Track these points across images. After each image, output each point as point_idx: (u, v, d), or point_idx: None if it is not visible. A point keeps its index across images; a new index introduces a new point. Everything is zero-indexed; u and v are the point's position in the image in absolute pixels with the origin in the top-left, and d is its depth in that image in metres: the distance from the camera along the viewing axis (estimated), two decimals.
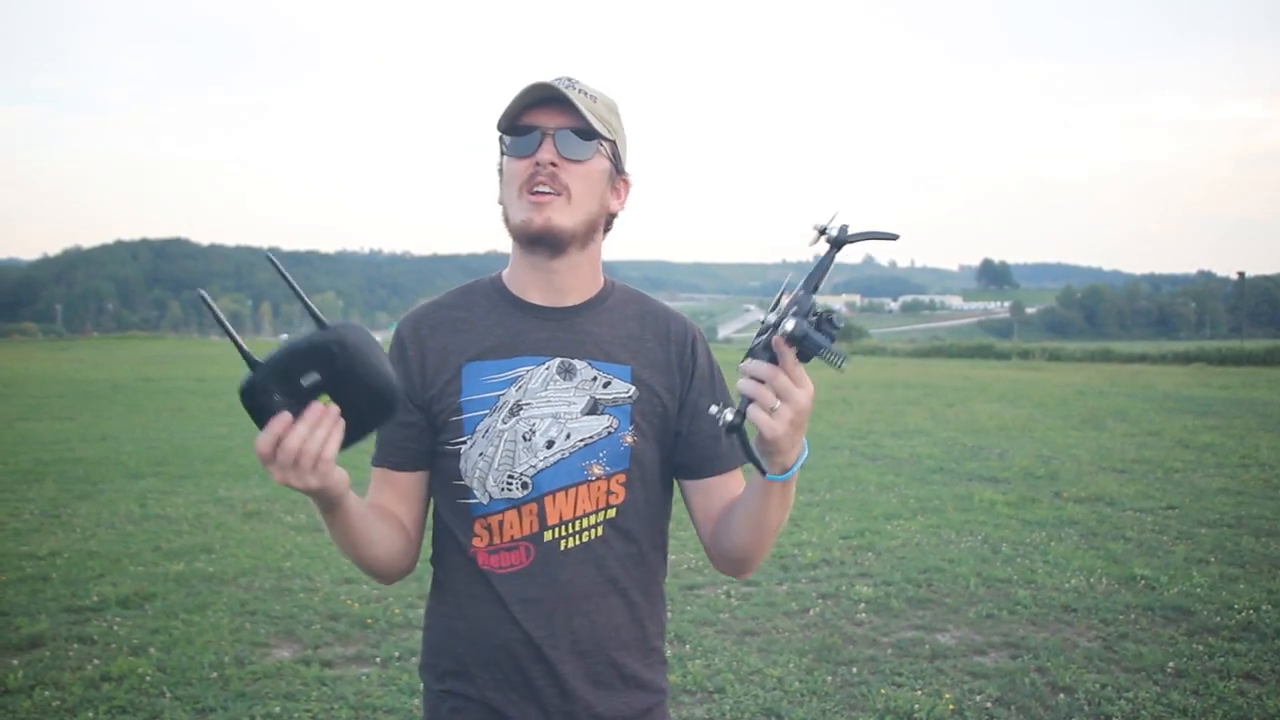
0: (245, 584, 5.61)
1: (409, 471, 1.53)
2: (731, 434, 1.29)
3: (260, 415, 1.19)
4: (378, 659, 4.44)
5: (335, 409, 1.20)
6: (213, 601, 5.24)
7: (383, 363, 1.21)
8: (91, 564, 6.00)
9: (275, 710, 3.88)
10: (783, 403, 1.20)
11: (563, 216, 1.44)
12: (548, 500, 1.46)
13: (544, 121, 1.44)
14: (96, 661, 4.34)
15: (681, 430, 1.54)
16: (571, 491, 1.46)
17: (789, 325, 1.17)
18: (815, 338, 1.17)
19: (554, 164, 1.43)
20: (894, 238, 1.24)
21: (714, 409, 1.28)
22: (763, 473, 1.32)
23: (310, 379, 1.19)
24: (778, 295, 1.27)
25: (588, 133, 1.44)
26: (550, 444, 1.46)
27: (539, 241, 1.45)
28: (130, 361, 33.57)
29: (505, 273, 1.57)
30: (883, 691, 4.06)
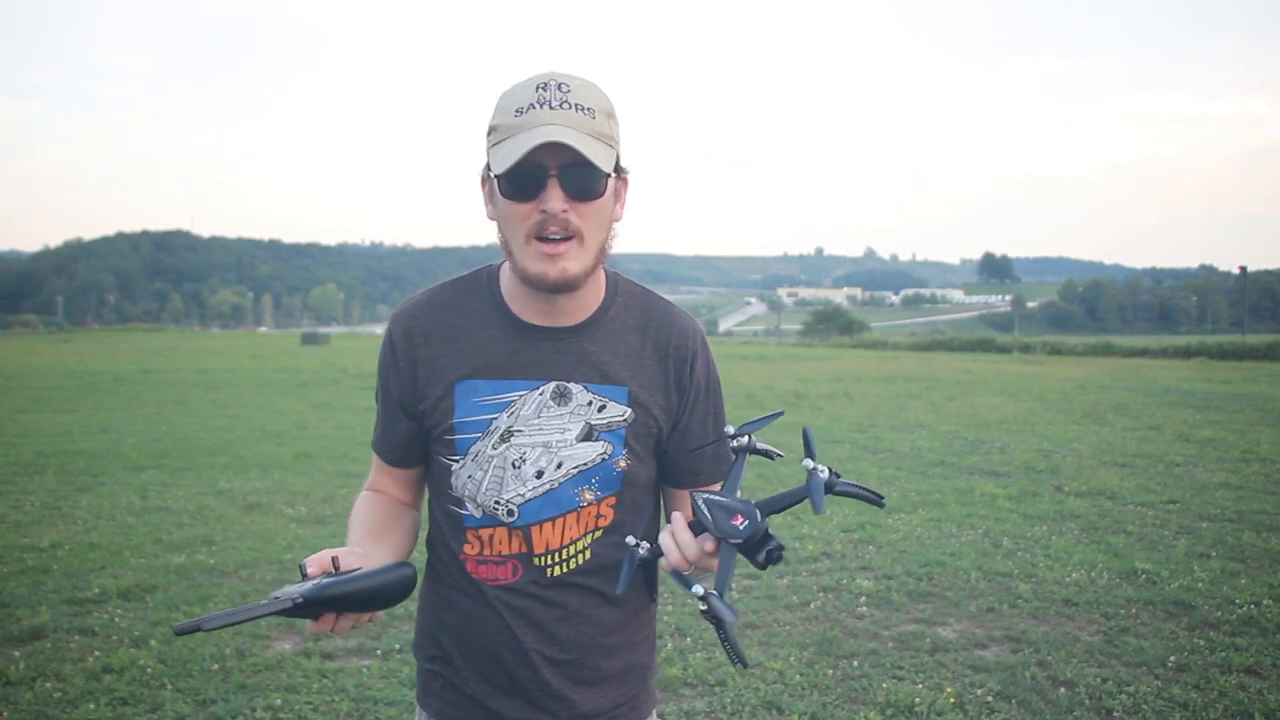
0: (246, 576, 5.61)
1: (408, 468, 1.55)
2: (641, 565, 1.40)
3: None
4: (378, 651, 4.44)
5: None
6: (214, 594, 5.24)
7: (366, 582, 1.24)
8: (92, 556, 6.00)
9: (276, 702, 3.88)
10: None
11: (577, 263, 1.35)
12: (534, 530, 1.45)
13: (547, 160, 1.30)
14: (98, 653, 4.34)
15: (669, 449, 1.52)
16: (559, 521, 1.45)
17: (716, 608, 1.24)
18: (727, 631, 1.25)
19: (565, 210, 1.32)
20: (881, 504, 1.32)
21: (630, 539, 1.38)
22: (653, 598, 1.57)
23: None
24: (746, 440, 1.34)
25: (595, 167, 1.31)
26: (540, 474, 1.43)
27: (555, 291, 1.37)
28: (131, 353, 33.57)
29: (503, 277, 1.49)
30: (884, 685, 4.06)
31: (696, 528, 1.29)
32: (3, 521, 7.03)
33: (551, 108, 1.30)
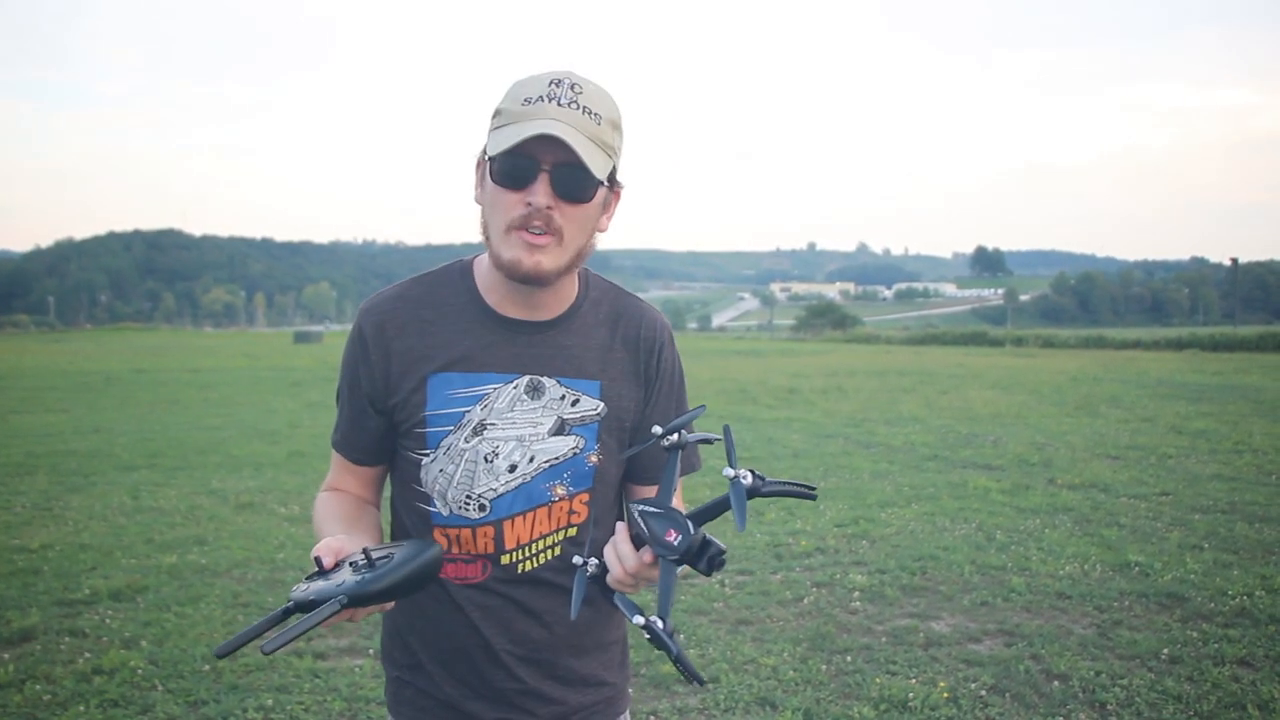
0: (238, 576, 5.59)
1: (373, 466, 1.54)
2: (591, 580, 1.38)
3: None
4: (370, 651, 4.43)
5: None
6: (205, 594, 5.22)
7: (405, 570, 1.19)
8: (83, 557, 5.97)
9: (268, 702, 3.86)
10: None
11: (552, 259, 1.35)
12: (505, 524, 1.44)
13: (542, 154, 1.31)
14: (88, 655, 4.32)
15: (633, 441, 1.52)
16: (530, 515, 1.45)
17: (658, 637, 1.23)
18: (674, 657, 1.24)
19: (549, 206, 1.32)
20: (812, 496, 1.30)
21: (577, 559, 1.35)
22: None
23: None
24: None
25: (588, 172, 1.31)
26: (512, 468, 1.43)
27: (525, 281, 1.37)
28: (123, 353, 33.46)
29: (478, 270, 1.48)
30: (877, 680, 4.05)
31: (637, 541, 1.28)
32: None
33: (560, 104, 1.31)
